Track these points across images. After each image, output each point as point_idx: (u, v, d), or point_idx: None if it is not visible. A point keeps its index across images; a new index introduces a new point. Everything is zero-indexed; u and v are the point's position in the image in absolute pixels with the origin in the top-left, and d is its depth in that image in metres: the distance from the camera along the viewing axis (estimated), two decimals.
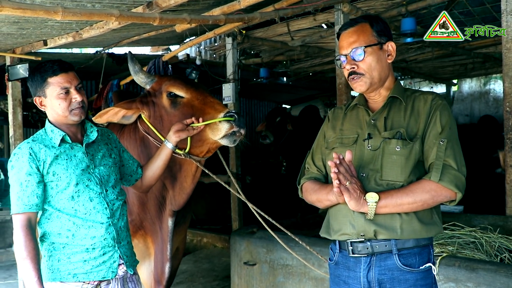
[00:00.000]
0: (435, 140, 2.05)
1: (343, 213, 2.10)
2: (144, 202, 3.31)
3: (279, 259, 3.56)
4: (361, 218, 2.04)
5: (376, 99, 2.23)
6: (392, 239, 2.03)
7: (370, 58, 2.12)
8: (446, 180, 1.99)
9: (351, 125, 2.24)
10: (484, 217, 4.19)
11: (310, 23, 5.62)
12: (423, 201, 1.99)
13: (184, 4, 4.06)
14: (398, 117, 2.14)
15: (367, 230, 2.03)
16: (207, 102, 3.06)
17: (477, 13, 5.36)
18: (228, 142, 2.98)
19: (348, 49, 2.14)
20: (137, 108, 3.17)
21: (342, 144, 2.20)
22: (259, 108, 12.25)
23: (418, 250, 2.06)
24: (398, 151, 2.05)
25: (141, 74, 3.26)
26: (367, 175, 2.08)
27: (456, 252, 3.30)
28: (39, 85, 2.38)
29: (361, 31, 2.15)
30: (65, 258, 2.33)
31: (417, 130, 2.09)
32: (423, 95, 2.17)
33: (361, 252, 2.06)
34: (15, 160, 2.30)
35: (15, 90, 5.47)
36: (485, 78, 10.01)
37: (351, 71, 2.14)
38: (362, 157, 2.11)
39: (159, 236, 3.34)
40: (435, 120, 2.08)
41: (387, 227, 2.02)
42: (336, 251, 2.18)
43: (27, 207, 2.26)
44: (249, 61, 7.51)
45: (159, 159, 2.75)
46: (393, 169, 2.05)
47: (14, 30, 4.43)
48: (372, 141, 2.11)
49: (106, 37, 5.08)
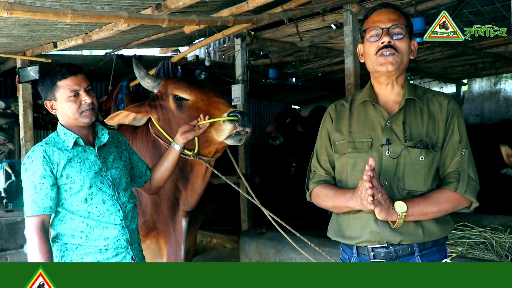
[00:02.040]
0: (455, 150, 2.06)
1: (363, 221, 2.06)
2: (157, 204, 3.33)
3: (288, 260, 3.56)
4: (386, 227, 2.02)
5: (387, 94, 2.16)
6: (415, 243, 2.03)
7: (406, 42, 2.08)
8: (469, 192, 2.02)
9: (361, 127, 2.15)
10: (495, 218, 4.18)
11: (319, 23, 5.60)
12: (446, 210, 2.03)
13: (193, 6, 4.07)
14: (416, 123, 2.08)
15: (391, 239, 2.02)
16: (212, 102, 3.05)
17: (487, 12, 5.32)
18: (233, 141, 2.96)
19: (388, 24, 2.06)
20: (146, 111, 3.20)
21: (355, 149, 2.12)
22: (268, 109, 12.24)
23: (436, 249, 2.08)
24: (421, 161, 2.03)
25: (147, 78, 3.27)
26: (389, 184, 2.04)
27: (466, 253, 3.29)
28: (49, 89, 2.41)
29: (401, 14, 2.11)
30: (77, 258, 2.35)
31: (437, 139, 2.07)
32: (436, 97, 2.14)
33: (384, 258, 2.04)
34: (29, 163, 2.33)
35: (25, 92, 5.52)
36: (496, 77, 9.94)
37: (386, 44, 2.04)
38: (381, 164, 2.06)
39: (173, 237, 3.35)
40: (453, 128, 2.08)
41: (411, 233, 2.02)
42: (353, 255, 2.13)
43: (41, 209, 2.28)
44: (258, 62, 7.51)
45: (167, 161, 2.78)
46: (416, 179, 2.03)
47: (24, 32, 4.46)
48: (391, 147, 2.05)
49: (115, 38, 5.10)
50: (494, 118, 9.62)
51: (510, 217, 4.15)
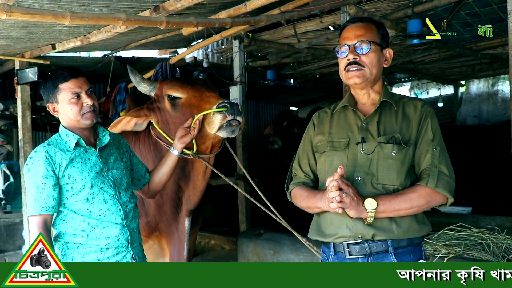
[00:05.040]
0: (427, 147, 2.13)
1: (339, 217, 2.13)
2: (160, 204, 3.37)
3: (285, 261, 3.57)
4: (360, 222, 2.09)
5: (365, 101, 2.28)
6: (389, 239, 2.08)
7: (373, 55, 2.18)
8: (440, 186, 2.08)
9: (340, 128, 2.27)
10: (492, 218, 4.19)
11: (317, 25, 5.62)
12: (419, 206, 2.08)
13: (191, 8, 4.09)
14: (390, 122, 2.19)
15: (365, 233, 2.09)
16: (203, 97, 3.08)
17: (484, 14, 5.33)
18: (226, 133, 2.99)
19: (354, 40, 2.19)
20: (145, 115, 3.26)
21: (333, 148, 2.23)
22: (267, 111, 12.24)
23: (411, 249, 2.13)
24: (394, 156, 2.12)
25: (143, 83, 3.33)
26: (363, 179, 2.13)
27: (463, 253, 3.30)
28: (51, 92, 2.45)
29: (368, 28, 2.22)
30: (79, 257, 2.40)
31: (410, 136, 2.16)
32: (412, 101, 2.25)
33: (359, 253, 2.11)
34: (31, 164, 2.38)
35: (24, 94, 5.52)
36: (493, 79, 9.94)
37: (351, 61, 2.17)
38: (355, 161, 2.16)
39: (176, 237, 3.39)
40: (427, 127, 2.17)
41: (385, 229, 2.08)
42: (331, 254, 2.20)
43: (43, 209, 2.33)
44: (256, 64, 7.51)
45: (165, 166, 2.83)
46: (389, 173, 2.12)
47: (23, 34, 4.47)
48: (366, 145, 2.16)
49: (113, 40, 5.11)
50: (492, 119, 9.63)
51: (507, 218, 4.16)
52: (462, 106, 10.32)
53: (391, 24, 5.26)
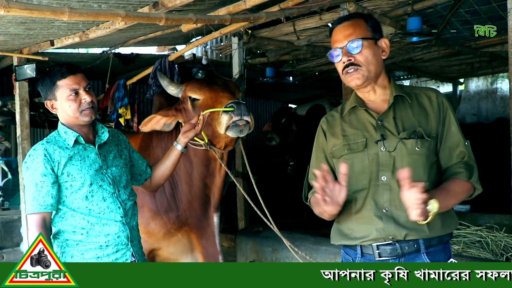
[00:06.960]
0: (456, 141, 2.08)
1: (366, 219, 2.05)
2: (190, 200, 3.48)
3: (284, 258, 3.57)
4: (392, 223, 2.01)
5: (373, 98, 2.17)
6: (420, 239, 2.01)
7: (367, 51, 2.08)
8: (477, 180, 2.04)
9: (354, 129, 2.16)
10: (490, 216, 4.19)
11: (316, 22, 5.61)
12: (460, 200, 2.04)
13: (190, 4, 4.07)
14: (407, 116, 2.10)
15: (397, 234, 2.00)
16: (217, 98, 3.19)
17: (484, 12, 5.33)
18: (234, 133, 3.10)
19: (344, 41, 2.08)
20: (173, 115, 3.43)
21: (350, 150, 2.12)
22: (266, 108, 12.25)
23: (442, 247, 2.06)
24: (418, 151, 2.02)
25: (171, 86, 3.52)
26: (389, 179, 2.03)
27: (462, 251, 3.30)
28: (49, 88, 2.44)
29: (357, 24, 2.11)
30: (78, 254, 2.39)
31: (431, 129, 2.07)
32: (424, 92, 2.17)
33: (390, 255, 2.02)
34: (30, 161, 2.36)
35: (22, 90, 5.51)
36: (492, 77, 9.94)
37: (347, 63, 2.07)
38: (378, 160, 2.06)
39: (208, 231, 3.50)
40: (449, 121, 2.10)
41: (417, 228, 1.99)
42: (357, 256, 2.10)
43: (42, 207, 2.32)
44: (255, 61, 7.51)
45: (168, 160, 2.81)
46: (416, 170, 1.98)
47: (21, 30, 4.46)
48: (386, 142, 2.05)
49: (112, 37, 5.10)
50: (491, 117, 9.61)
51: (505, 216, 4.16)
52: (461, 104, 10.31)
53: (391, 22, 5.25)
